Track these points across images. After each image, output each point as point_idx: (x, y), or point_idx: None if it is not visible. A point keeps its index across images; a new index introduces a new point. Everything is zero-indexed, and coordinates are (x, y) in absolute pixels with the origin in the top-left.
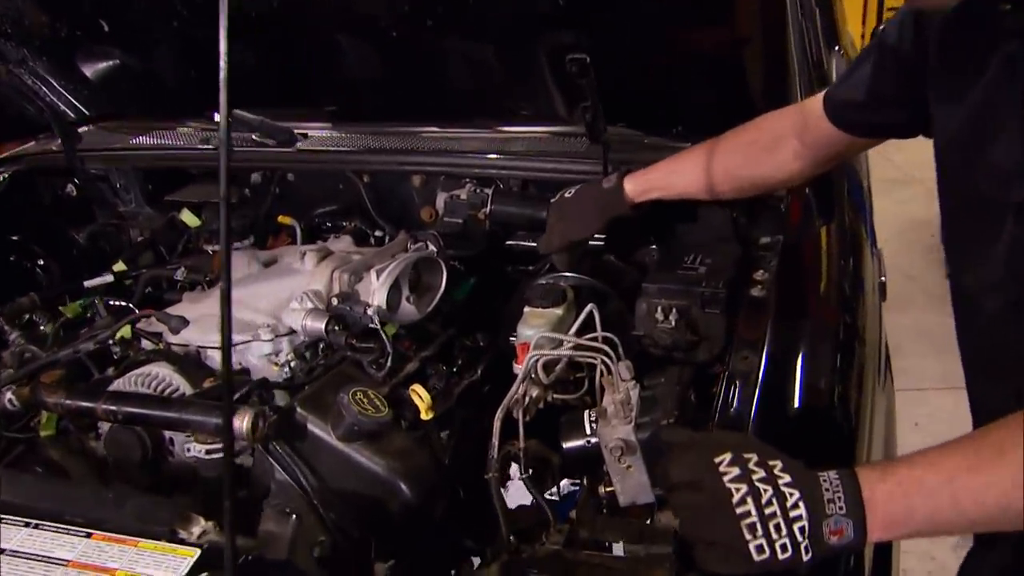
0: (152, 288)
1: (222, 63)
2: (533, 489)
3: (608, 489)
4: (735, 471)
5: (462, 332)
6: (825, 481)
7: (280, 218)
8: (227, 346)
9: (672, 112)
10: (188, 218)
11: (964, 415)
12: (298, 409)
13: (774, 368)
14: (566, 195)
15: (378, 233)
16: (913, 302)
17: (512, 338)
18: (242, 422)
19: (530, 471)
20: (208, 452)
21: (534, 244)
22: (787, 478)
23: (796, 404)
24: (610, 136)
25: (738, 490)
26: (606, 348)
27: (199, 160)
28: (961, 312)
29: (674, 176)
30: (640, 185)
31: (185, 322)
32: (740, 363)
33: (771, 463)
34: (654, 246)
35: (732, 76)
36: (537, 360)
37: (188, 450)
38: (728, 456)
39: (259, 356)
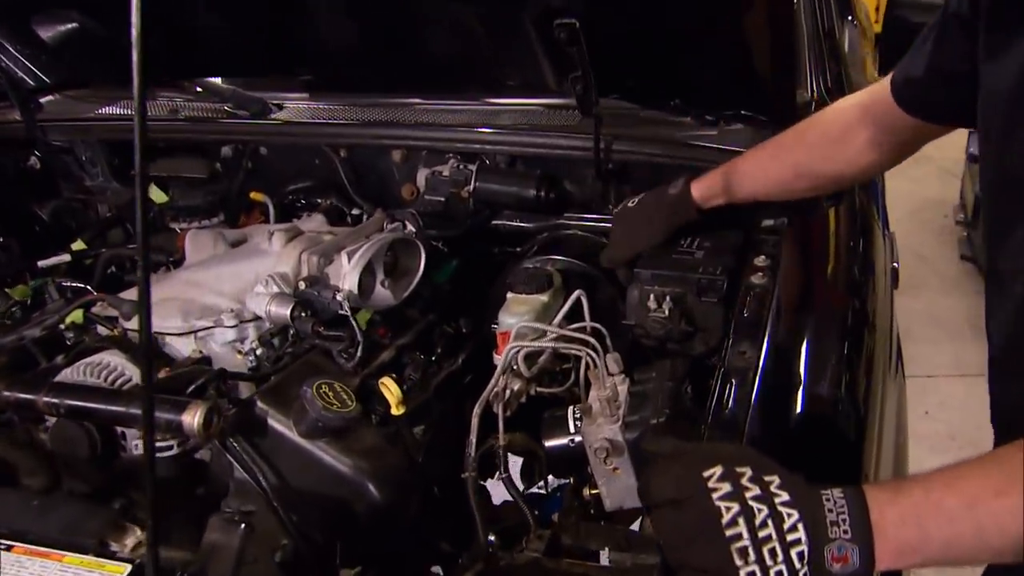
0: (116, 268)
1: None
2: (513, 490)
3: (593, 492)
4: (725, 487)
5: (443, 318)
6: (828, 500)
7: (252, 194)
8: (146, 345)
9: (670, 84)
10: (154, 194)
11: (975, 404)
12: (258, 403)
13: (775, 364)
14: (629, 204)
15: (355, 211)
16: (926, 285)
17: (495, 325)
18: (193, 418)
19: (508, 473)
20: (157, 451)
21: (521, 224)
22: (785, 496)
23: (799, 404)
24: (602, 109)
25: (728, 509)
26: (592, 340)
27: (168, 132)
28: (991, 298)
29: (742, 178)
30: (707, 190)
31: None
32: (737, 359)
33: (767, 478)
34: None
35: (735, 45)
36: (518, 351)
37: (136, 447)
38: (718, 470)
39: (222, 343)
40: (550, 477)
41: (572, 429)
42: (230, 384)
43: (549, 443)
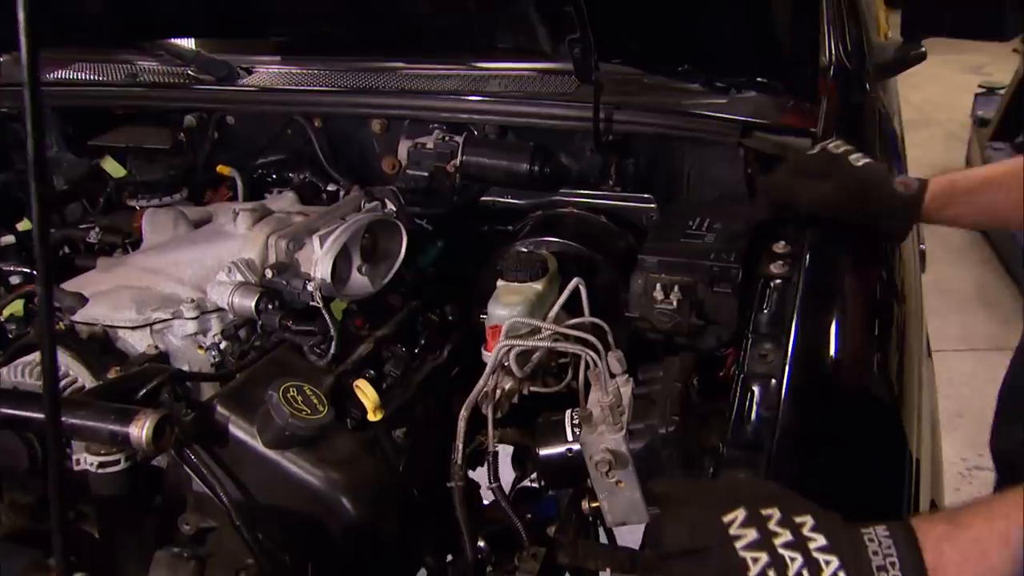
0: (68, 249)
1: None
2: (504, 502)
3: (593, 504)
4: (751, 535)
5: (427, 305)
6: (872, 541)
7: (219, 168)
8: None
9: (678, 46)
10: (111, 166)
11: (983, 379)
12: (218, 408)
13: (803, 370)
14: (855, 162)
15: (331, 187)
16: (931, 255)
17: (484, 316)
18: (141, 429)
19: (498, 482)
20: (101, 465)
21: (513, 200)
22: (821, 540)
23: (833, 416)
24: (602, 75)
25: (755, 560)
26: (593, 339)
27: (126, 99)
28: None
29: (995, 189)
30: (941, 190)
31: (83, 300)
32: (757, 363)
33: (798, 520)
34: (653, 204)
35: (753, 1)
36: (508, 350)
37: (78, 461)
38: (741, 514)
39: (182, 337)
40: None
41: (570, 436)
42: (190, 385)
43: (544, 451)
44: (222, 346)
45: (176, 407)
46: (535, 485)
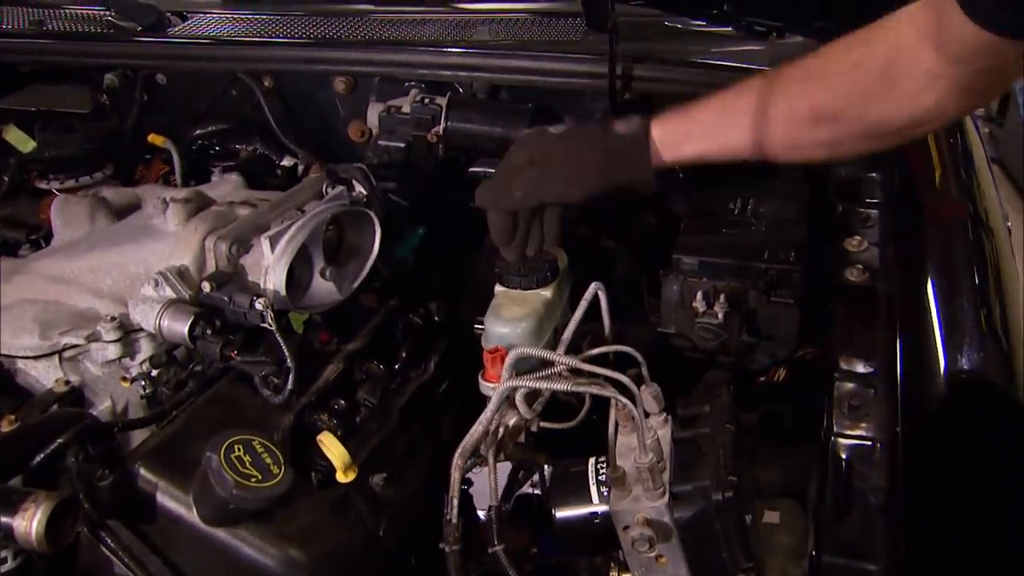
0: None
1: None
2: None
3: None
4: None
5: (408, 304)
6: None
7: (151, 137)
8: None
9: None
10: (14, 137)
11: None
12: (142, 472)
13: (919, 426)
14: (551, 131)
15: (287, 161)
16: None
17: (479, 326)
18: (30, 522)
19: (503, 545)
20: None
21: None
22: None
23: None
24: (619, 18)
25: None
26: (624, 379)
27: (30, 53)
28: None
29: (728, 123)
30: (673, 134)
31: None
32: (849, 420)
33: None
34: (681, 174)
35: None
36: (513, 392)
37: None
38: None
39: (101, 365)
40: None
41: (595, 498)
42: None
43: (563, 514)
44: (153, 374)
45: (89, 470)
46: (537, 492)
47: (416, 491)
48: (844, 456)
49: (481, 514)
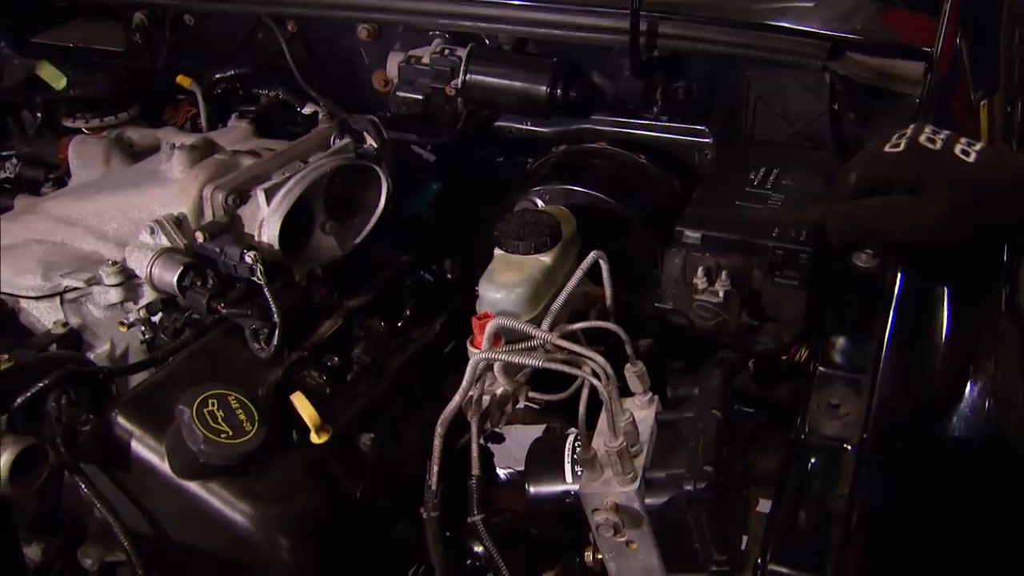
0: None
1: None
2: (491, 545)
3: (597, 556)
4: None
5: (422, 260)
6: None
7: (179, 79)
8: None
9: None
10: (48, 74)
11: None
12: (119, 420)
13: (894, 433)
14: (970, 157)
15: (308, 109)
16: None
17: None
18: None
19: (482, 515)
20: None
21: (533, 127)
22: None
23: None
24: None
25: None
26: (600, 359)
27: None
28: None
29: None
30: None
31: None
32: (823, 420)
33: None
34: (708, 139)
35: None
36: (485, 363)
37: None
38: None
39: (103, 308)
40: None
41: (569, 477)
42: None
43: (536, 489)
44: (154, 320)
45: (73, 414)
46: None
47: (411, 453)
48: (812, 458)
49: (501, 473)
